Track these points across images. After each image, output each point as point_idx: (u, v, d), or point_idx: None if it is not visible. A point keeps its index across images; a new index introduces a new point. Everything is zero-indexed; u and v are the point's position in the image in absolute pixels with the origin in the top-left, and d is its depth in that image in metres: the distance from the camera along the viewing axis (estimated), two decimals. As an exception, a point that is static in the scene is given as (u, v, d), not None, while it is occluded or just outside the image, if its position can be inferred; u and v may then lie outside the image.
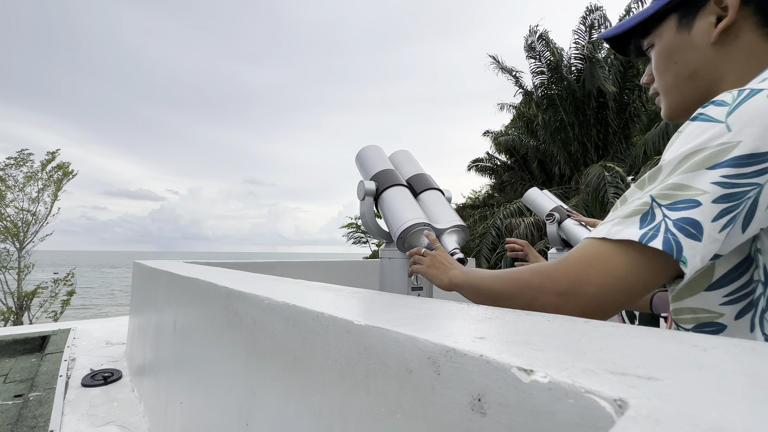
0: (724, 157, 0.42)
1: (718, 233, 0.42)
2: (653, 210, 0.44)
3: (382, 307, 0.52)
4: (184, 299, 1.08)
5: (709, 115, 0.45)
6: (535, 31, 10.06)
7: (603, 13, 9.94)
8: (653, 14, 0.61)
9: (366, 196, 1.17)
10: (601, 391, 0.22)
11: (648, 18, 0.62)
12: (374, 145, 1.37)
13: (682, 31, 0.59)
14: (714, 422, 0.18)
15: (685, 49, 0.58)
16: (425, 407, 0.32)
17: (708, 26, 0.56)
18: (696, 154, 0.44)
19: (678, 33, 0.59)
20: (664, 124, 8.13)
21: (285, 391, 0.53)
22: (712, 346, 0.29)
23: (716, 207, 0.42)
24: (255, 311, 0.64)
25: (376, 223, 1.19)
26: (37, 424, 1.23)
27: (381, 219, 1.23)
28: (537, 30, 10.05)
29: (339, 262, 2.50)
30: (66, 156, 11.90)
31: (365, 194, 1.17)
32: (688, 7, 0.58)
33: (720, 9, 0.54)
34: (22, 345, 2.14)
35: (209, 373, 0.82)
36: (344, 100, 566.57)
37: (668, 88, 0.62)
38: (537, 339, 0.33)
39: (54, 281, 10.27)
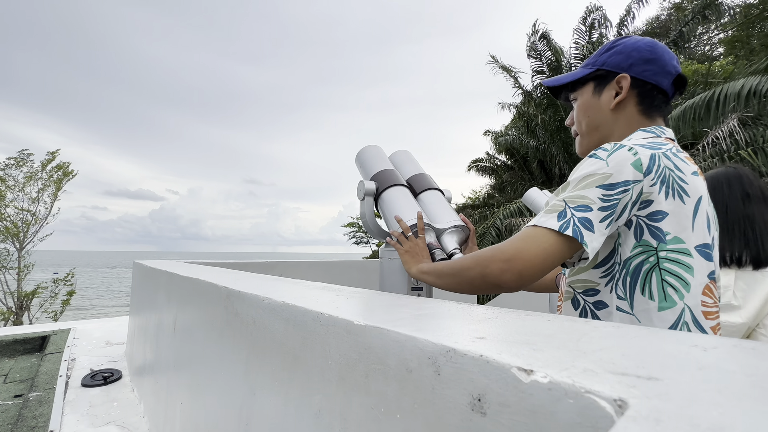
0: (603, 182, 0.68)
1: (605, 228, 0.67)
2: (565, 210, 0.67)
3: (382, 307, 0.52)
4: (184, 299, 1.08)
5: (598, 155, 0.71)
6: (537, 30, 10.04)
7: (603, 13, 9.94)
8: (580, 78, 0.90)
9: (366, 196, 1.17)
10: (601, 391, 0.22)
11: (576, 80, 0.90)
12: (374, 145, 1.37)
13: (595, 95, 0.87)
14: (714, 422, 0.18)
15: (595, 109, 0.87)
16: (425, 407, 0.32)
17: (610, 97, 0.85)
18: (590, 176, 0.69)
19: (593, 96, 0.88)
20: (664, 124, 8.15)
21: (285, 391, 0.53)
22: (712, 346, 0.29)
23: (601, 212, 0.66)
24: (255, 311, 0.64)
25: (376, 223, 1.20)
26: (37, 424, 1.23)
27: (380, 219, 1.24)
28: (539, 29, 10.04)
29: (339, 262, 2.50)
30: (66, 156, 11.96)
31: (365, 194, 1.17)
32: (601, 80, 0.86)
33: (618, 87, 0.84)
34: (22, 345, 2.14)
35: (209, 373, 0.82)
36: (344, 100, 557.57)
37: (582, 133, 0.91)
38: (537, 339, 0.33)
39: (54, 281, 10.27)
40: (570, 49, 10.23)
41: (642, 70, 0.82)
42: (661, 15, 18.16)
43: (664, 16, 17.94)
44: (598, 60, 0.87)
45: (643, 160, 0.69)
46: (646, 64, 0.82)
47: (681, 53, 9.54)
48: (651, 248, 0.70)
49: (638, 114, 0.83)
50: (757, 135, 6.91)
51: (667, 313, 0.69)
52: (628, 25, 9.61)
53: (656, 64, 0.81)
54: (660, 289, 0.69)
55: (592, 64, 0.88)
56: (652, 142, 0.74)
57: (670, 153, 0.72)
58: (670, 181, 0.70)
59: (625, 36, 0.88)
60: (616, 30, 9.71)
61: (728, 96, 6.70)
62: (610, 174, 0.67)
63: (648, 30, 17.76)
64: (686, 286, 0.69)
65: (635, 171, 0.68)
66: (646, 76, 0.82)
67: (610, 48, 0.87)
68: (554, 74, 10.05)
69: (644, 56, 0.82)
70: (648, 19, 18.40)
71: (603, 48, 0.88)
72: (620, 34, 9.55)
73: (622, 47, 0.84)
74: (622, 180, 0.67)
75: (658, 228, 0.69)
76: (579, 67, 0.92)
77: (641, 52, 0.82)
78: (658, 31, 17.03)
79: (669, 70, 0.82)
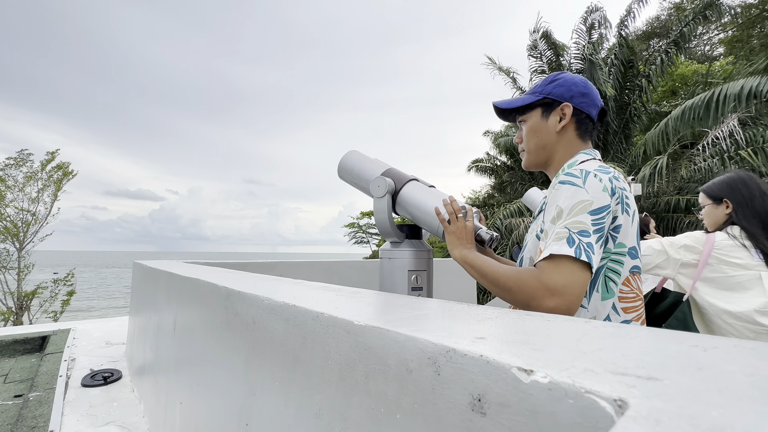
0: (590, 208, 0.79)
1: (599, 249, 0.79)
2: (571, 236, 0.77)
3: (382, 307, 0.52)
4: (184, 299, 1.08)
5: (574, 183, 0.83)
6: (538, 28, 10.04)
7: (603, 13, 9.94)
8: (529, 104, 1.03)
9: (387, 194, 1.14)
10: (601, 391, 0.22)
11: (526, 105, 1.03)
12: (353, 150, 1.34)
13: (542, 119, 1.01)
14: (714, 422, 0.18)
15: (543, 131, 1.01)
16: (425, 407, 0.32)
17: (555, 122, 0.99)
18: (579, 204, 0.80)
19: (540, 119, 1.02)
20: (663, 125, 8.13)
21: (285, 391, 0.53)
22: (712, 346, 0.29)
23: (595, 235, 0.78)
24: (255, 311, 0.64)
25: (393, 222, 1.17)
26: (37, 424, 1.23)
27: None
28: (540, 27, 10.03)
29: (339, 262, 2.50)
30: (66, 156, 11.91)
31: (387, 191, 1.14)
32: (547, 107, 1.01)
33: (562, 113, 0.99)
34: (22, 345, 2.14)
35: (209, 374, 0.82)
36: (344, 100, 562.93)
37: (530, 151, 1.04)
38: (537, 339, 0.33)
39: (54, 281, 10.27)
40: (570, 49, 10.23)
41: (580, 101, 0.99)
42: (661, 15, 18.16)
43: (664, 16, 17.95)
44: (545, 89, 1.02)
45: (607, 185, 0.82)
46: (582, 97, 0.99)
47: (681, 53, 9.53)
48: (608, 254, 0.85)
49: (576, 137, 1.00)
50: (756, 135, 6.91)
51: (607, 302, 0.85)
52: (628, 25, 9.61)
53: (589, 98, 0.99)
54: (603, 283, 0.86)
55: (540, 93, 1.02)
56: (601, 167, 0.87)
57: (614, 175, 0.87)
58: (622, 197, 0.85)
59: (562, 71, 1.05)
60: (617, 30, 9.70)
61: (728, 96, 6.70)
62: (592, 201, 0.80)
63: (648, 30, 17.76)
64: (618, 278, 0.86)
65: (607, 195, 0.81)
66: (582, 107, 0.99)
67: (553, 80, 1.02)
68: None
69: (581, 90, 0.99)
70: (648, 19, 18.41)
71: (546, 80, 1.03)
72: (620, 34, 9.54)
73: (563, 81, 1.01)
74: (603, 205, 0.80)
75: (614, 237, 0.85)
76: (525, 94, 1.06)
77: (578, 86, 1.00)
78: (659, 31, 17.03)
79: (597, 103, 1.01)
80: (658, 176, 7.34)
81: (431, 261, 1.22)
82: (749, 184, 1.45)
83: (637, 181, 7.33)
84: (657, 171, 7.33)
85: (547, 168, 1.03)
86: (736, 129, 6.71)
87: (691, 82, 13.35)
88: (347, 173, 1.30)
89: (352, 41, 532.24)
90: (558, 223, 0.81)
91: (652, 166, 7.43)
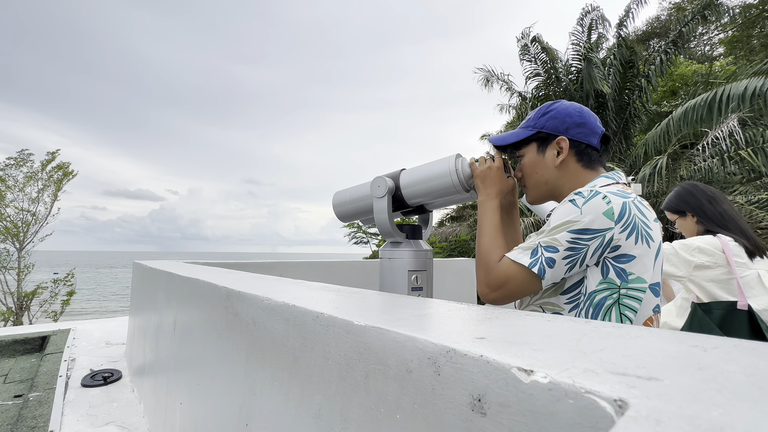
0: (575, 227, 0.79)
1: (564, 267, 0.80)
2: (537, 249, 0.81)
3: (382, 307, 0.52)
4: (183, 299, 1.08)
5: (576, 203, 0.81)
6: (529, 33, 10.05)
7: (600, 13, 9.92)
8: (525, 138, 0.99)
9: (387, 194, 1.14)
10: (602, 392, 0.22)
11: (521, 140, 1.00)
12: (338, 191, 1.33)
13: (539, 154, 0.98)
14: (714, 422, 0.18)
15: (541, 166, 0.98)
16: (425, 407, 0.32)
17: (553, 156, 0.96)
18: (565, 223, 0.80)
19: (537, 155, 0.98)
20: (665, 125, 8.13)
21: (285, 391, 0.53)
22: (712, 347, 0.29)
23: (566, 252, 0.79)
24: (255, 311, 0.64)
25: (393, 221, 1.17)
26: (37, 424, 1.23)
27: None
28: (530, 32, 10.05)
29: (339, 262, 2.50)
30: (65, 156, 11.85)
31: (387, 191, 1.14)
32: (543, 141, 0.97)
33: (559, 148, 0.95)
34: (22, 345, 2.14)
35: (209, 374, 0.82)
36: (344, 101, 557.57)
37: (530, 187, 1.02)
38: (537, 339, 0.33)
39: (54, 281, 10.26)
40: (567, 50, 10.23)
41: (576, 132, 0.94)
42: (661, 15, 18.17)
43: (664, 16, 17.95)
44: (538, 123, 0.98)
45: (615, 209, 0.78)
46: (579, 128, 0.95)
47: (681, 53, 9.53)
48: (614, 286, 0.80)
49: (580, 168, 0.95)
50: (756, 135, 6.92)
51: None
52: (627, 25, 9.61)
53: (586, 127, 0.95)
54: (618, 320, 0.80)
55: (533, 126, 0.99)
56: (620, 190, 0.83)
57: (637, 202, 0.82)
58: (639, 228, 0.80)
59: (555, 101, 1.00)
60: (616, 30, 9.70)
61: (731, 96, 6.71)
62: (582, 221, 0.79)
63: (648, 30, 17.76)
64: (634, 316, 0.80)
65: (607, 220, 0.78)
66: (580, 138, 0.94)
67: (545, 113, 0.98)
68: (550, 76, 10.05)
69: (576, 121, 0.95)
70: (648, 19, 18.42)
71: (539, 112, 1.00)
72: (619, 34, 9.54)
73: (555, 113, 0.97)
74: (593, 228, 0.78)
75: (623, 269, 0.80)
76: (519, 127, 1.04)
77: (573, 117, 0.95)
78: (658, 31, 17.03)
79: (596, 130, 0.96)
80: (657, 176, 7.35)
81: (431, 261, 1.22)
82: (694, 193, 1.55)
83: (637, 181, 7.33)
84: (657, 171, 7.33)
85: (557, 199, 1.00)
86: (736, 129, 6.71)
87: (691, 82, 13.35)
88: (344, 206, 1.29)
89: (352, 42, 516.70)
90: (539, 236, 0.83)
91: (652, 166, 7.43)
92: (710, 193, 1.54)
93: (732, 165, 7.05)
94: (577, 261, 0.79)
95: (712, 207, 1.50)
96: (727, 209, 1.49)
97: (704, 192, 1.54)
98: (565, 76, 10.04)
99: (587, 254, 0.79)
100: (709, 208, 1.50)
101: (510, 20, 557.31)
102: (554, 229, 0.81)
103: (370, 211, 1.22)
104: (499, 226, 0.95)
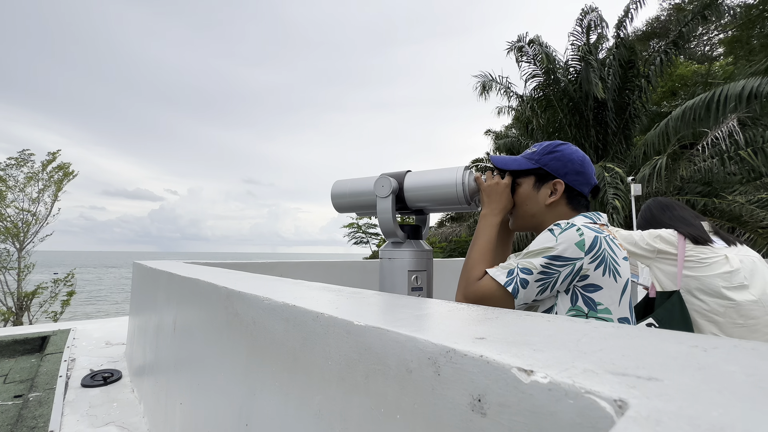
0: (550, 254, 0.84)
1: (536, 289, 0.84)
2: (514, 270, 0.85)
3: (382, 307, 0.52)
4: (184, 300, 1.08)
5: (554, 232, 0.86)
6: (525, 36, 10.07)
7: (599, 14, 9.93)
8: (525, 170, 1.03)
9: (391, 194, 1.14)
10: (601, 392, 0.22)
11: (520, 170, 1.04)
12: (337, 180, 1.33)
13: (534, 188, 1.01)
14: (714, 422, 0.18)
15: (533, 201, 1.01)
16: (425, 408, 0.32)
17: (546, 195, 0.99)
18: (542, 250, 0.85)
19: (532, 189, 1.02)
20: (664, 125, 8.14)
21: (285, 391, 0.53)
22: (712, 347, 0.29)
23: (539, 275, 0.83)
24: (255, 311, 0.64)
25: (396, 221, 1.17)
26: (36, 424, 1.23)
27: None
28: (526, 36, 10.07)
29: (339, 263, 2.50)
30: (65, 156, 11.91)
31: (391, 192, 1.13)
32: (541, 178, 1.01)
33: (554, 188, 0.99)
34: (22, 345, 2.14)
35: (209, 374, 0.82)
36: (344, 101, 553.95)
37: (518, 216, 1.05)
38: (537, 339, 0.33)
39: (54, 281, 10.26)
40: (566, 51, 10.23)
41: (573, 179, 0.99)
42: (660, 15, 18.17)
43: (663, 17, 17.96)
44: (542, 160, 1.02)
45: (586, 241, 0.84)
46: (577, 176, 0.99)
47: (681, 53, 9.54)
48: (582, 313, 0.85)
49: (568, 211, 0.99)
50: (756, 135, 6.92)
51: None
52: (626, 26, 9.61)
53: (583, 177, 0.99)
54: None
55: (536, 161, 1.02)
56: (594, 227, 0.89)
57: (609, 239, 0.88)
58: (608, 261, 0.85)
59: (563, 143, 1.03)
60: (615, 30, 9.70)
61: (729, 97, 6.71)
62: (556, 249, 0.84)
63: (648, 30, 17.77)
64: None
65: (578, 250, 0.83)
66: (575, 185, 0.99)
67: (552, 152, 1.01)
68: (548, 77, 10.07)
69: (576, 169, 0.99)
70: (648, 20, 18.42)
71: (546, 149, 1.02)
72: (619, 35, 9.54)
73: (560, 155, 1.00)
74: (565, 256, 0.83)
75: (591, 298, 0.85)
76: (522, 155, 1.07)
77: (575, 164, 0.99)
78: (658, 31, 17.03)
79: (591, 182, 1.01)
80: (657, 176, 7.35)
81: (431, 261, 1.22)
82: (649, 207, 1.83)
83: (637, 181, 7.33)
84: (656, 171, 7.33)
85: (537, 232, 1.03)
86: (736, 129, 6.71)
87: (690, 82, 13.35)
88: (343, 198, 1.28)
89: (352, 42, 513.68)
90: (518, 258, 0.88)
91: (652, 166, 7.44)
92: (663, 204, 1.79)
93: (732, 165, 7.05)
94: (548, 285, 0.84)
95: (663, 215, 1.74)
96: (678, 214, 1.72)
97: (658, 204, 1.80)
98: (564, 77, 10.04)
99: (558, 280, 0.84)
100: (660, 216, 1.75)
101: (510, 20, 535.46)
102: (531, 253, 0.86)
103: (369, 207, 1.22)
104: (493, 243, 0.99)
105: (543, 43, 10.05)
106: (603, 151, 9.90)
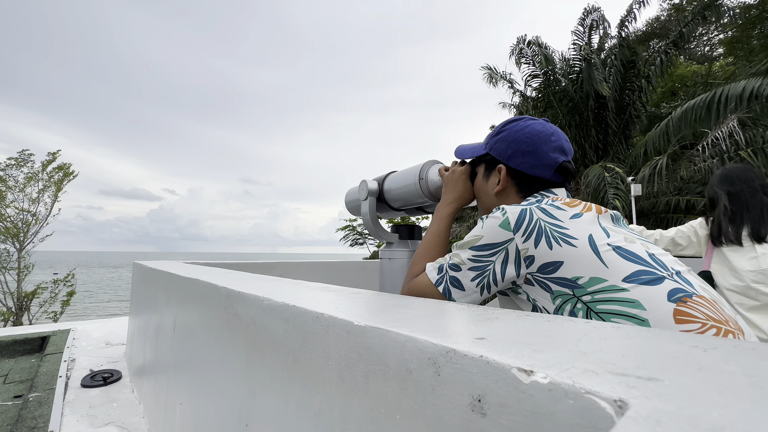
0: (475, 244, 0.73)
1: (475, 287, 0.72)
2: (443, 267, 0.76)
3: (382, 307, 0.52)
4: (183, 300, 1.08)
5: (482, 220, 0.76)
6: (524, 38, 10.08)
7: (601, 13, 9.94)
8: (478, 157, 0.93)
9: (369, 196, 1.17)
10: (602, 392, 0.22)
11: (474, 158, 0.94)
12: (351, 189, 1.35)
13: (484, 178, 0.91)
14: (714, 422, 0.18)
15: (484, 192, 0.91)
16: (425, 408, 0.32)
17: (494, 184, 0.88)
18: (469, 241, 0.74)
19: (483, 179, 0.91)
20: (664, 125, 8.14)
21: (285, 391, 0.53)
22: (712, 347, 0.29)
23: (470, 272, 0.72)
24: (255, 312, 0.64)
25: (377, 223, 1.19)
26: (36, 424, 1.23)
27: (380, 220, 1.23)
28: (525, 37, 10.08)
29: (339, 263, 2.50)
30: (65, 156, 11.89)
31: (368, 194, 1.17)
32: (489, 165, 0.89)
33: (500, 176, 0.86)
34: (22, 345, 2.14)
35: (209, 374, 0.82)
36: (344, 101, 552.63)
37: (480, 208, 0.95)
38: (537, 339, 0.33)
39: (54, 282, 10.26)
40: (568, 50, 10.24)
41: (520, 162, 0.82)
42: (661, 16, 18.18)
43: (664, 17, 17.96)
44: (489, 143, 0.88)
45: (510, 219, 0.71)
46: (524, 157, 0.82)
47: (681, 54, 9.54)
48: (569, 295, 0.65)
49: (518, 200, 0.83)
50: (756, 136, 6.92)
51: None
52: (628, 25, 9.61)
53: (533, 157, 0.81)
54: None
55: (485, 145, 0.89)
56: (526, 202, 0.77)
57: (546, 204, 0.72)
58: (547, 230, 0.68)
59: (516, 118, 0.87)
60: (617, 30, 9.71)
61: (729, 97, 6.71)
62: (481, 236, 0.73)
63: (648, 30, 17.77)
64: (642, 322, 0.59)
65: (504, 231, 0.71)
66: (524, 169, 0.82)
67: (498, 132, 0.87)
68: (548, 77, 10.07)
69: (522, 149, 0.82)
70: (648, 20, 18.42)
71: (495, 130, 0.89)
72: (620, 35, 9.54)
73: (506, 134, 0.85)
74: (492, 242, 0.71)
75: (559, 277, 0.66)
76: (484, 138, 0.94)
77: (520, 144, 0.82)
78: (658, 31, 17.04)
79: (548, 162, 0.81)
80: (657, 177, 7.35)
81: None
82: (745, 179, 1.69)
83: (637, 182, 7.33)
84: (657, 171, 7.33)
85: None
86: (736, 130, 6.71)
87: (690, 82, 13.35)
88: (351, 203, 1.31)
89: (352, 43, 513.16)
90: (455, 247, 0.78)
91: (652, 167, 7.44)
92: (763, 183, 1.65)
93: (732, 165, 7.04)
94: (486, 279, 0.71)
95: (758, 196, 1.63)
96: None
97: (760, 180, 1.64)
98: (564, 77, 10.04)
99: (495, 271, 0.70)
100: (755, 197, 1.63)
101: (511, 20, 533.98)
102: (459, 246, 0.76)
103: None
104: (442, 235, 0.89)
105: (542, 44, 10.06)
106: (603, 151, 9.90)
